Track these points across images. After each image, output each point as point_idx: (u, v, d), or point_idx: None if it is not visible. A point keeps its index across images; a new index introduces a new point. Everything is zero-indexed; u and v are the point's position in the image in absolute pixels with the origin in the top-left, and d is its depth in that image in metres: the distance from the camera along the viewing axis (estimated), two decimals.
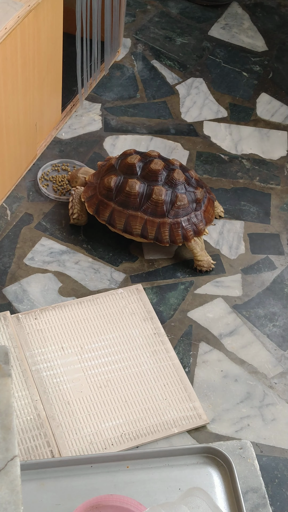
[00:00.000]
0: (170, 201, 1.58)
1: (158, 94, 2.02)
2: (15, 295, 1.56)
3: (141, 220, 1.59)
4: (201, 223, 1.61)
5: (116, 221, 1.60)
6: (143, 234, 1.60)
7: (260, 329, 1.55)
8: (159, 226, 1.58)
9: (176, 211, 1.58)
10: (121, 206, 1.59)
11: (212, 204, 1.65)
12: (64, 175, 1.77)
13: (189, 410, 1.40)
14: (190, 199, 1.60)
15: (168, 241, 1.60)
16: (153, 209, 1.58)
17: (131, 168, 1.60)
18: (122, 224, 1.60)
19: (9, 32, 1.45)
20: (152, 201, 1.58)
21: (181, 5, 2.30)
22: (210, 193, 1.67)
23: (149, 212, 1.58)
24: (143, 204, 1.58)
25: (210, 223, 1.63)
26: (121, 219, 1.60)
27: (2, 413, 0.96)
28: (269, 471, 1.34)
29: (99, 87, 2.01)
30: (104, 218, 1.62)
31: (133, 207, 1.59)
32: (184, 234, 1.59)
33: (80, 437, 1.35)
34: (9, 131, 1.61)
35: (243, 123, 1.97)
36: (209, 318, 1.56)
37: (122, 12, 1.96)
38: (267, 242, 1.71)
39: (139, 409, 1.39)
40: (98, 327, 1.51)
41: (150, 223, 1.59)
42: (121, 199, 1.59)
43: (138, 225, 1.59)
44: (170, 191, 1.58)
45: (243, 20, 2.28)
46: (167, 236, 1.59)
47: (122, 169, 1.61)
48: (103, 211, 1.61)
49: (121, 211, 1.59)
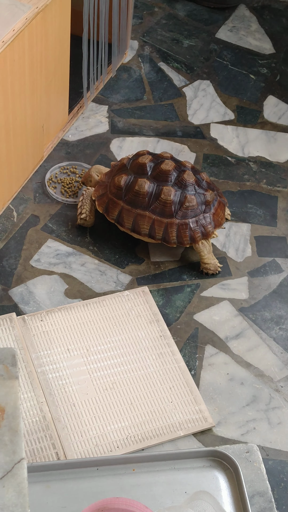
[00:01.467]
0: (179, 201, 1.58)
1: (165, 97, 2.02)
2: (21, 297, 1.56)
3: (149, 220, 1.59)
4: (210, 226, 1.60)
5: (124, 220, 1.60)
6: (150, 234, 1.60)
7: (266, 332, 1.54)
8: (166, 226, 1.58)
9: (184, 212, 1.58)
10: (129, 205, 1.59)
11: (223, 208, 1.65)
12: (72, 178, 1.77)
13: (195, 413, 1.39)
14: (199, 200, 1.59)
15: (176, 241, 1.60)
16: (161, 209, 1.58)
17: (141, 167, 1.60)
18: (130, 223, 1.60)
19: (17, 34, 1.45)
20: (161, 201, 1.58)
21: (189, 8, 2.30)
22: (222, 197, 1.67)
23: (157, 212, 1.58)
24: (152, 204, 1.58)
25: (220, 226, 1.63)
26: (129, 218, 1.60)
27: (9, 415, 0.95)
28: (275, 475, 1.33)
29: (106, 89, 2.01)
30: (113, 216, 1.62)
31: (141, 206, 1.59)
32: (192, 236, 1.59)
33: (86, 439, 1.34)
34: (16, 133, 1.61)
35: (250, 125, 1.97)
36: (215, 320, 1.56)
37: (130, 14, 1.96)
38: (274, 245, 1.71)
39: (145, 411, 1.39)
40: (104, 329, 1.51)
41: (158, 223, 1.58)
42: (130, 198, 1.59)
43: (146, 225, 1.59)
44: (180, 192, 1.58)
45: (251, 22, 2.27)
46: (175, 236, 1.59)
47: (133, 169, 1.61)
48: (112, 210, 1.61)
49: (130, 210, 1.59)
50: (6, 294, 1.56)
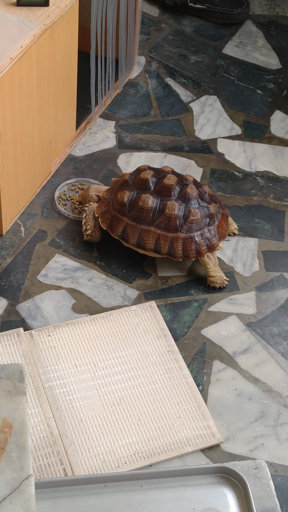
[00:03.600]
0: (183, 215, 1.58)
1: (172, 112, 2.03)
2: (28, 312, 1.56)
3: (154, 235, 1.59)
4: (215, 238, 1.60)
5: (129, 236, 1.60)
6: (156, 249, 1.60)
7: (274, 347, 1.54)
8: (172, 240, 1.59)
9: (189, 226, 1.58)
10: (134, 221, 1.60)
11: (226, 220, 1.65)
12: None
13: (202, 429, 1.39)
14: (203, 214, 1.60)
15: (181, 255, 1.60)
16: (166, 223, 1.58)
17: (144, 183, 1.60)
18: (135, 239, 1.60)
19: (25, 51, 1.46)
20: (165, 216, 1.58)
21: (195, 23, 2.31)
22: (224, 209, 1.67)
23: (162, 227, 1.58)
24: (156, 219, 1.58)
25: (224, 238, 1.63)
26: (134, 234, 1.60)
27: (17, 431, 0.95)
28: (283, 491, 1.32)
29: (113, 104, 2.02)
30: (117, 233, 1.62)
31: (146, 222, 1.59)
32: (197, 249, 1.59)
33: (93, 455, 1.34)
34: (24, 149, 1.62)
35: (257, 140, 1.97)
36: (223, 336, 1.55)
37: (137, 30, 1.98)
38: (282, 259, 1.70)
39: (153, 427, 1.39)
40: (111, 344, 1.50)
41: (163, 237, 1.59)
42: (134, 214, 1.59)
43: (151, 240, 1.59)
44: (183, 206, 1.58)
45: (257, 38, 2.28)
46: (180, 251, 1.59)
47: (136, 185, 1.61)
48: (117, 226, 1.62)
49: (134, 226, 1.59)
50: (13, 309, 1.56)
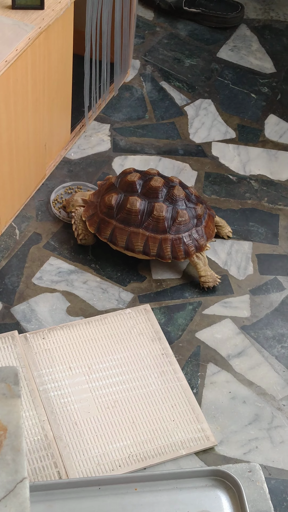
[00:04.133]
0: (171, 217, 1.59)
1: (166, 115, 2.03)
2: (23, 315, 1.56)
3: (142, 237, 1.59)
4: (202, 239, 1.61)
5: (117, 239, 1.61)
6: (145, 251, 1.60)
7: (268, 351, 1.54)
8: (161, 242, 1.59)
9: (178, 227, 1.59)
10: (122, 223, 1.60)
11: (212, 220, 1.66)
12: None
13: (197, 432, 1.39)
14: (191, 215, 1.60)
15: (170, 257, 1.60)
16: (154, 225, 1.59)
17: (131, 185, 1.61)
18: (124, 242, 1.60)
19: (20, 54, 1.46)
20: (154, 218, 1.59)
21: (190, 27, 2.32)
22: (210, 209, 1.68)
23: (150, 228, 1.59)
24: (145, 221, 1.59)
25: (211, 239, 1.64)
26: (122, 237, 1.60)
27: (11, 434, 0.95)
28: (277, 494, 1.33)
29: (108, 107, 2.02)
30: (105, 236, 1.62)
31: (134, 224, 1.59)
32: (186, 250, 1.60)
33: (88, 458, 1.34)
34: (19, 151, 1.62)
35: (251, 144, 1.98)
36: (217, 339, 1.56)
37: (132, 34, 1.98)
38: (276, 263, 1.71)
39: (147, 430, 1.39)
40: (106, 347, 1.50)
41: (152, 239, 1.59)
42: (122, 216, 1.60)
43: (140, 242, 1.60)
44: (171, 207, 1.59)
45: (252, 42, 2.29)
46: (169, 252, 1.60)
47: (123, 187, 1.62)
48: (105, 229, 1.62)
49: (123, 228, 1.60)
50: (8, 312, 1.56)
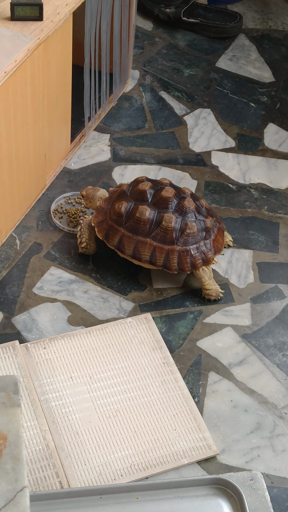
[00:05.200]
0: (180, 228, 1.59)
1: (166, 125, 2.04)
2: (24, 325, 1.56)
3: (150, 247, 1.59)
4: (210, 252, 1.61)
5: (125, 247, 1.61)
6: (151, 261, 1.60)
7: (269, 359, 1.54)
8: (168, 253, 1.59)
9: (186, 239, 1.59)
10: (130, 232, 1.60)
11: (221, 234, 1.66)
12: (77, 208, 1.78)
13: (198, 441, 1.39)
14: (199, 227, 1.60)
15: (177, 268, 1.60)
16: (162, 236, 1.59)
17: (142, 194, 1.61)
18: (131, 250, 1.60)
19: (19, 65, 1.47)
20: (162, 228, 1.58)
21: (189, 37, 2.33)
22: (220, 223, 1.68)
23: (158, 238, 1.59)
24: (153, 231, 1.59)
25: (219, 253, 1.63)
26: (130, 245, 1.60)
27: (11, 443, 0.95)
28: (279, 503, 1.32)
29: (108, 118, 2.03)
30: (113, 243, 1.62)
31: (142, 233, 1.59)
32: (193, 262, 1.59)
33: (89, 468, 1.34)
34: (19, 162, 1.62)
35: (251, 153, 1.99)
36: (218, 347, 1.55)
37: (131, 44, 1.99)
38: (276, 271, 1.71)
39: (148, 439, 1.38)
40: (107, 357, 1.50)
41: (159, 250, 1.59)
42: (131, 225, 1.60)
43: (147, 252, 1.60)
44: (180, 218, 1.59)
45: (250, 51, 2.30)
46: (176, 263, 1.59)
47: (133, 196, 1.62)
48: (113, 237, 1.62)
49: (131, 237, 1.60)
50: (9, 322, 1.56)
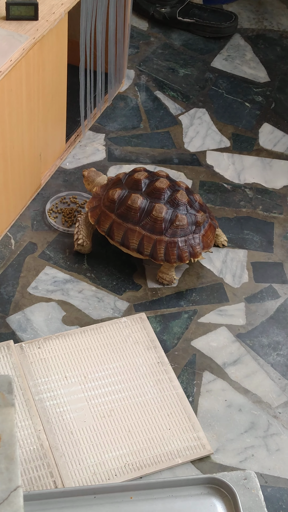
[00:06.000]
0: (170, 220, 1.59)
1: (161, 125, 2.04)
2: (18, 324, 1.56)
3: (138, 235, 1.60)
4: (198, 246, 1.61)
5: (115, 234, 1.62)
6: (139, 250, 1.61)
7: (264, 358, 1.54)
8: (155, 243, 1.60)
9: (174, 231, 1.59)
10: (121, 218, 1.61)
11: (213, 230, 1.66)
12: (72, 207, 1.78)
13: (193, 440, 1.39)
14: (190, 220, 1.61)
15: (163, 259, 1.61)
16: (151, 225, 1.59)
17: (136, 183, 1.62)
18: (120, 237, 1.62)
19: (14, 64, 1.47)
20: (152, 218, 1.59)
21: (184, 37, 2.33)
22: (213, 220, 1.68)
23: (147, 228, 1.60)
24: (143, 220, 1.60)
25: (208, 249, 1.64)
26: (119, 232, 1.61)
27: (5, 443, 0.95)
28: (273, 502, 1.33)
29: (103, 117, 2.03)
30: (104, 229, 1.63)
31: (132, 221, 1.60)
32: (179, 255, 1.60)
33: (83, 467, 1.34)
34: (14, 161, 1.62)
35: (245, 152, 1.99)
36: (212, 347, 1.56)
37: (126, 44, 1.99)
38: (271, 271, 1.71)
39: (143, 439, 1.39)
40: (101, 356, 1.50)
41: (147, 239, 1.60)
42: (122, 212, 1.61)
43: (135, 240, 1.61)
44: (171, 210, 1.60)
45: (246, 51, 2.30)
46: (162, 254, 1.60)
47: (128, 184, 1.63)
48: (104, 222, 1.63)
49: (121, 223, 1.61)
50: (3, 322, 1.56)
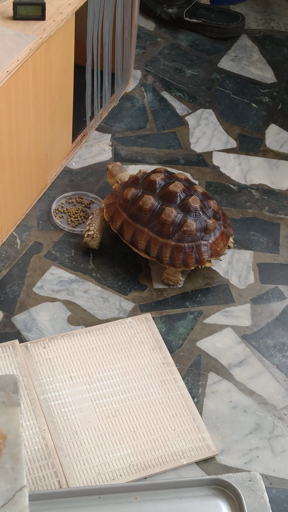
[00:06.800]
0: (178, 224, 1.59)
1: (167, 125, 2.04)
2: (24, 324, 1.56)
3: (146, 236, 1.60)
4: (205, 253, 1.60)
5: (125, 232, 1.63)
6: (146, 251, 1.62)
7: (269, 360, 1.54)
8: (162, 246, 1.60)
9: (181, 236, 1.59)
10: (131, 218, 1.62)
11: (225, 238, 1.64)
12: (78, 207, 1.78)
13: (197, 441, 1.39)
14: (199, 227, 1.60)
15: (168, 263, 1.61)
16: (159, 228, 1.60)
17: (151, 184, 1.62)
18: (129, 236, 1.63)
19: (21, 64, 1.47)
20: (160, 220, 1.59)
21: (191, 38, 2.33)
22: (228, 227, 1.66)
23: (155, 230, 1.60)
24: (151, 222, 1.60)
25: (217, 257, 1.63)
26: (129, 231, 1.62)
27: (10, 443, 0.95)
28: (278, 504, 1.32)
29: (109, 117, 2.03)
30: (115, 226, 1.65)
31: (141, 222, 1.61)
32: (185, 260, 1.60)
33: (88, 468, 1.34)
34: (20, 161, 1.62)
35: (252, 153, 1.99)
36: (218, 348, 1.55)
37: (133, 44, 1.99)
38: (276, 272, 1.71)
39: (148, 439, 1.38)
40: (106, 356, 1.50)
41: (154, 241, 1.60)
42: (133, 212, 1.62)
43: (143, 241, 1.61)
44: (181, 215, 1.59)
45: (252, 52, 2.30)
46: (168, 258, 1.60)
47: (144, 184, 1.64)
48: (116, 220, 1.64)
49: (131, 223, 1.62)
50: (9, 321, 1.56)
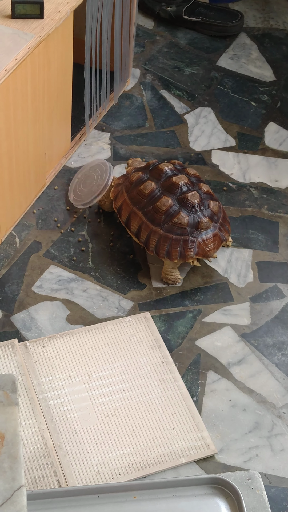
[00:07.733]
0: (171, 215, 1.59)
1: (166, 123, 2.04)
2: (23, 323, 1.56)
3: (139, 220, 1.62)
4: (191, 250, 1.60)
5: (122, 213, 1.66)
6: (137, 235, 1.64)
7: (268, 358, 1.54)
8: (150, 232, 1.61)
9: (171, 227, 1.59)
10: (130, 200, 1.64)
11: (217, 241, 1.62)
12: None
13: (197, 440, 1.39)
14: (191, 222, 1.60)
15: (154, 251, 1.61)
16: (152, 215, 1.61)
17: (158, 172, 1.64)
18: (125, 218, 1.65)
19: (19, 63, 1.47)
20: (155, 208, 1.60)
21: (190, 36, 2.32)
22: (223, 232, 1.64)
23: (148, 216, 1.61)
24: (147, 207, 1.61)
25: (204, 257, 1.61)
26: (126, 212, 1.65)
27: (9, 442, 0.95)
28: (278, 502, 1.32)
29: (108, 116, 2.03)
30: (116, 205, 1.68)
31: (138, 205, 1.63)
32: (169, 251, 1.60)
33: (87, 467, 1.34)
34: (19, 160, 1.62)
35: (251, 152, 1.98)
36: (217, 346, 1.55)
37: (131, 42, 1.99)
38: (276, 270, 1.71)
39: (147, 438, 1.38)
40: (106, 355, 1.50)
41: (145, 226, 1.61)
42: (133, 194, 1.64)
43: (136, 224, 1.63)
44: (177, 207, 1.60)
45: (251, 50, 2.30)
46: (154, 246, 1.61)
47: (152, 171, 1.66)
48: (118, 200, 1.68)
49: (129, 205, 1.64)
50: (8, 320, 1.56)
